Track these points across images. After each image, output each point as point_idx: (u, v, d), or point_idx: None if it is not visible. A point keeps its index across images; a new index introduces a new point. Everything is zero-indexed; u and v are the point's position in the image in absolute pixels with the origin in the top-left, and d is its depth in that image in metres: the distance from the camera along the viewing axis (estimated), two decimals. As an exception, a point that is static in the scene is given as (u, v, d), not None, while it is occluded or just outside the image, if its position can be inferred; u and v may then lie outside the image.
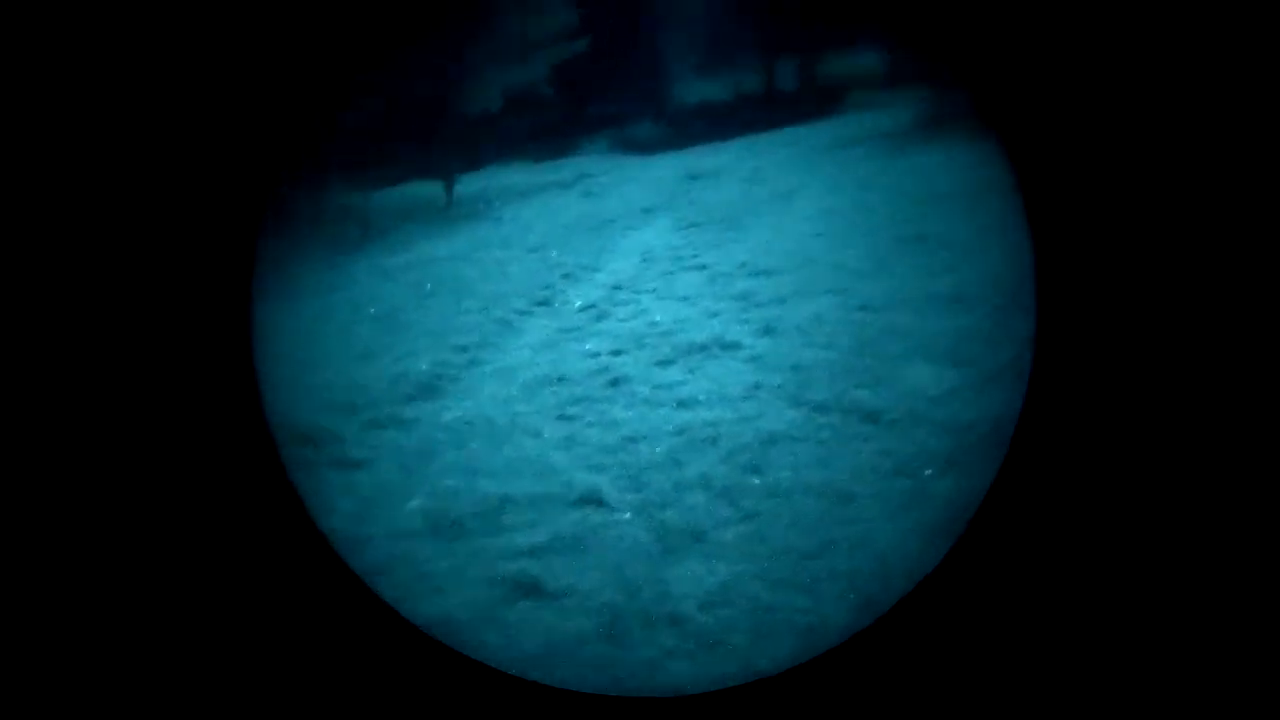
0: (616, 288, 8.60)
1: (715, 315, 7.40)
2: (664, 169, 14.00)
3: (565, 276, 9.09)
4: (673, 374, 6.43)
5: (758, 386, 6.00)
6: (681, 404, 5.91)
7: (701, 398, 5.96)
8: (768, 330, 6.91)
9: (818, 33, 18.65)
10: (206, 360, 3.49)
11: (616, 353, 6.95)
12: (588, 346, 7.17)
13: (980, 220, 8.70)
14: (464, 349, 7.37)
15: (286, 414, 5.41)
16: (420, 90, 13.29)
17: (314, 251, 11.10)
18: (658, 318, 7.60)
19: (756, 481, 4.92)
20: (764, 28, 18.59)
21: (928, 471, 4.82)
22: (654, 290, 8.36)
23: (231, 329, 3.58)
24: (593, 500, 4.90)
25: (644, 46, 18.92)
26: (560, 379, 6.58)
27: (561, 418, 5.95)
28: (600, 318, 7.83)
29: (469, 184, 14.21)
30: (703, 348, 6.78)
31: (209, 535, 3.44)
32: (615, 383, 6.38)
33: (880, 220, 9.24)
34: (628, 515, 4.76)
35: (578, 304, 8.24)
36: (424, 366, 7.00)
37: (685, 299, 7.96)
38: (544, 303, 8.37)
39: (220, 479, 3.50)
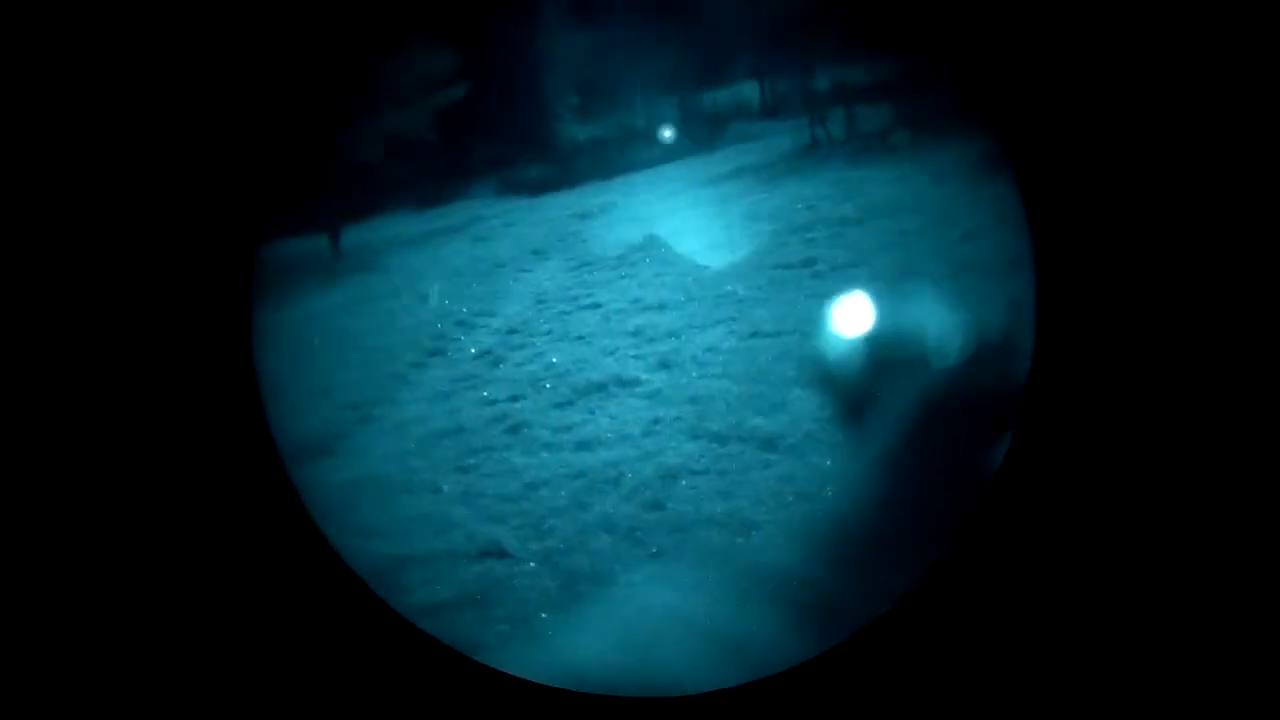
0: (511, 332, 8.52)
1: (611, 353, 7.39)
2: (554, 209, 14.00)
3: (458, 324, 8.97)
4: (572, 415, 6.38)
5: (657, 422, 6.00)
6: (582, 445, 5.86)
7: (602, 437, 5.93)
8: (664, 364, 6.93)
9: (698, 67, 19.02)
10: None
11: (514, 398, 6.87)
12: (484, 394, 7.07)
13: (865, 242, 8.95)
14: (354, 406, 7.18)
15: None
16: (298, 143, 13.01)
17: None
18: (554, 359, 7.55)
19: (660, 518, 4.89)
20: (645, 64, 18.85)
21: (828, 491, 4.88)
22: (549, 332, 8.31)
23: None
24: (494, 552, 4.81)
25: (528, 88, 18.98)
26: (457, 430, 6.46)
27: (460, 469, 5.83)
28: (496, 364, 7.74)
29: (355, 235, 13.94)
30: (601, 387, 6.75)
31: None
32: (514, 429, 6.29)
33: (767, 248, 9.41)
34: (532, 564, 4.68)
35: (472, 351, 8.13)
36: (312, 426, 6.78)
37: (581, 339, 7.93)
38: (437, 352, 8.23)
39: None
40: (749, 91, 19.12)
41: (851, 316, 7.06)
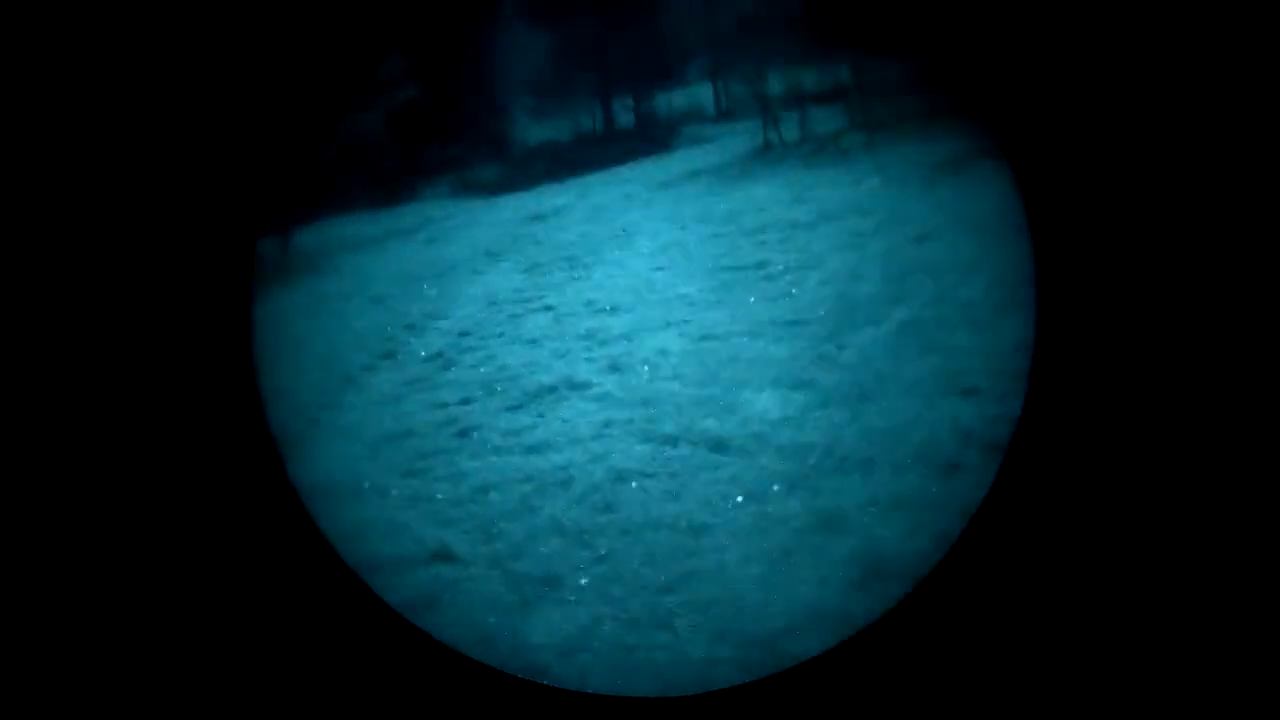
0: (463, 334, 8.50)
1: (563, 356, 7.39)
2: (506, 211, 13.99)
3: (409, 327, 8.93)
4: (522, 418, 6.37)
5: (608, 424, 6.00)
6: (531, 449, 5.85)
7: (552, 440, 5.92)
8: (615, 367, 6.94)
9: (652, 69, 19.09)
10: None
11: (465, 401, 6.85)
12: (434, 397, 7.03)
13: (817, 245, 9.03)
14: (303, 409, 7.11)
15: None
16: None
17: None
18: (505, 362, 7.53)
19: (609, 520, 4.90)
20: (600, 66, 18.88)
21: (775, 487, 4.92)
22: (501, 334, 8.30)
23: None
24: (443, 556, 4.78)
25: (482, 89, 18.90)
26: (407, 433, 6.43)
27: (408, 473, 5.80)
28: (447, 366, 7.71)
29: (306, 237, 13.82)
30: (551, 389, 6.75)
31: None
32: (464, 433, 6.27)
33: (719, 251, 9.48)
34: (480, 568, 4.66)
35: (423, 354, 8.09)
36: (261, 432, 6.70)
37: (533, 341, 7.93)
38: (388, 355, 8.18)
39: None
40: (704, 94, 19.25)
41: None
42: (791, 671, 3.61)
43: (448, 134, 18.43)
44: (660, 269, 9.26)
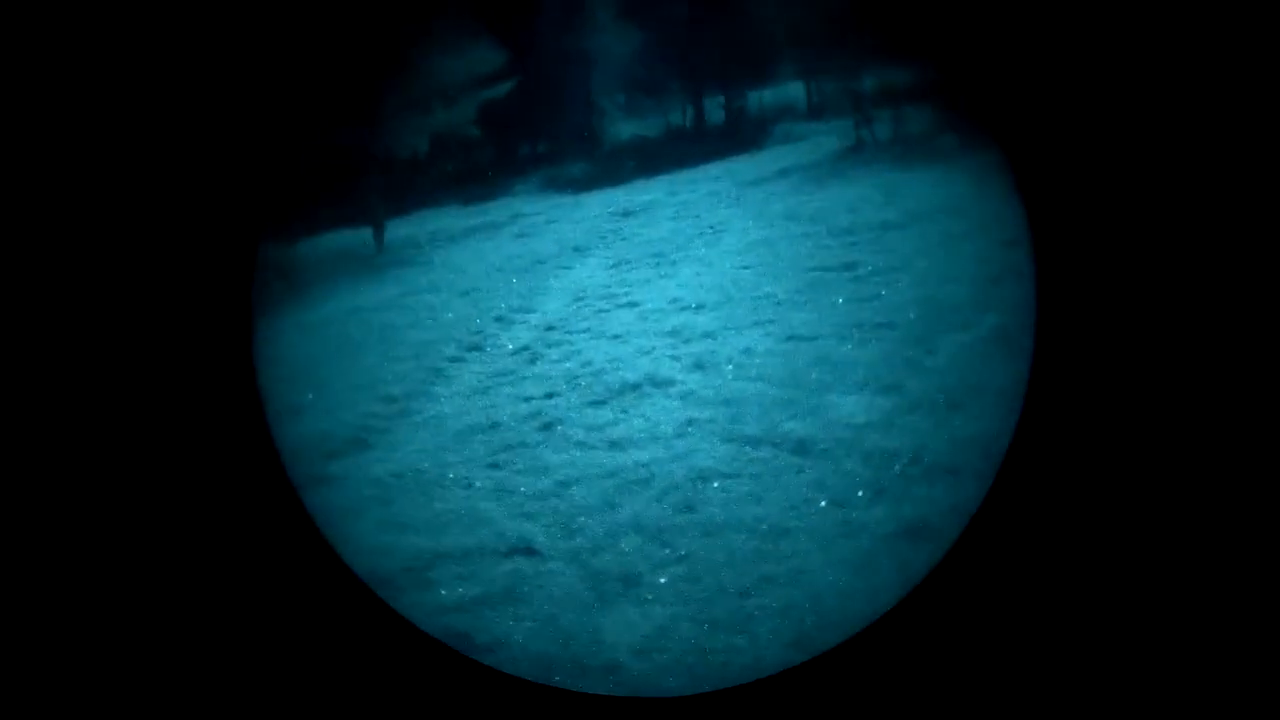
0: (549, 329, 8.57)
1: (647, 353, 7.39)
2: (595, 207, 14.06)
3: (497, 320, 9.04)
4: (605, 414, 6.39)
5: (690, 423, 5.99)
6: (614, 445, 5.87)
7: (634, 437, 5.93)
8: (699, 365, 6.92)
9: (744, 66, 18.97)
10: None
11: (549, 395, 6.90)
12: (520, 390, 7.11)
13: (907, 246, 8.86)
14: (393, 399, 7.26)
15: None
16: (344, 137, 13.19)
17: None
18: (590, 358, 7.57)
19: (690, 520, 4.88)
20: (692, 63, 18.84)
21: (859, 493, 4.85)
22: (586, 330, 8.34)
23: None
24: (524, 549, 4.83)
25: (574, 85, 19.05)
26: (492, 425, 6.51)
27: (492, 465, 5.87)
28: (533, 360, 7.78)
29: (398, 229, 14.11)
30: (635, 386, 6.76)
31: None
32: (547, 426, 6.32)
33: (807, 250, 9.36)
34: (560, 563, 4.69)
35: (510, 347, 8.19)
36: (350, 420, 6.87)
37: (617, 337, 7.94)
38: (475, 347, 8.30)
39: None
40: (795, 92, 19.05)
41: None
42: (791, 672, 3.58)
43: (539, 129, 18.62)
44: (747, 267, 9.20)
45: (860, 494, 4.85)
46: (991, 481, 4.11)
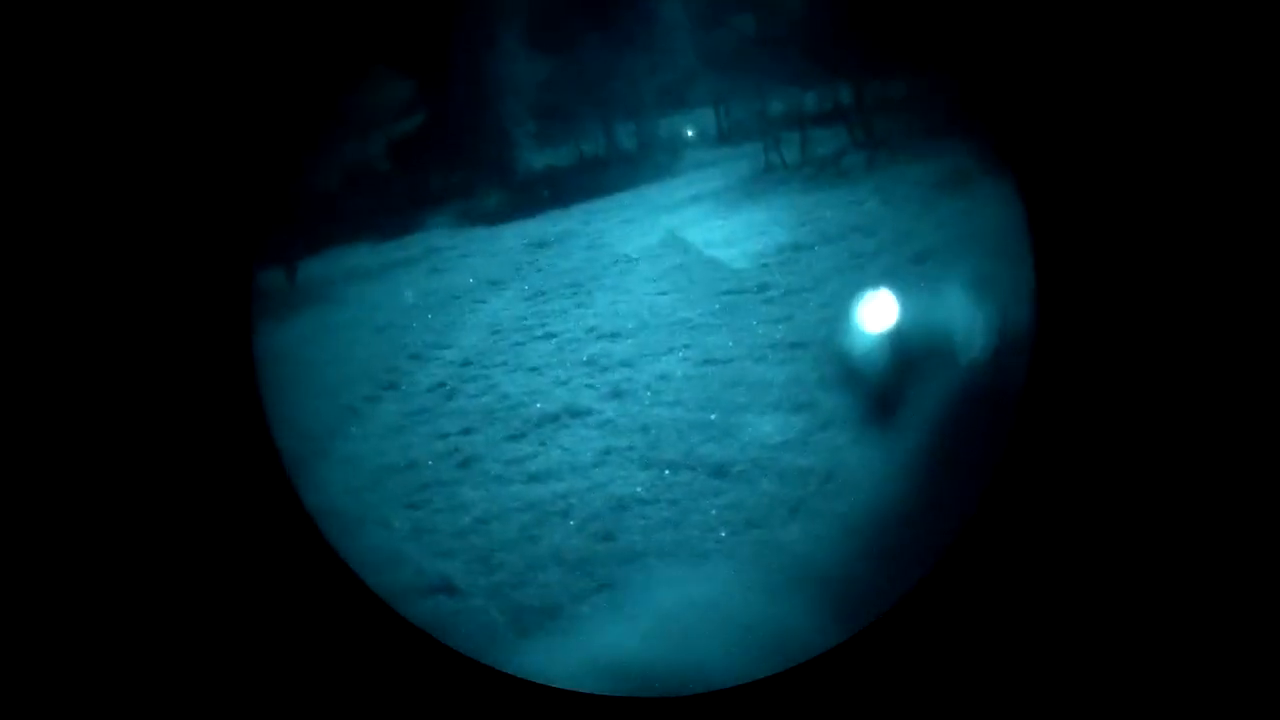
0: (465, 364, 8.50)
1: (565, 383, 7.39)
2: (511, 239, 14.00)
3: (413, 357, 8.93)
4: (524, 447, 6.36)
5: (608, 451, 6.00)
6: (533, 478, 5.85)
7: (552, 469, 5.92)
8: (616, 394, 6.94)
9: (655, 94, 19.16)
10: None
11: (466, 431, 6.84)
12: (436, 428, 7.04)
13: (818, 266, 9.03)
14: (309, 439, 7.11)
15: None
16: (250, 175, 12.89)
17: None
18: (508, 391, 7.53)
19: (610, 549, 4.89)
20: (602, 91, 18.96)
21: (775, 512, 4.91)
22: (503, 363, 8.29)
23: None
24: (443, 588, 4.77)
25: (485, 115, 19.01)
26: (409, 465, 6.43)
27: (410, 505, 5.79)
28: (449, 396, 7.71)
29: (311, 268, 13.86)
30: (553, 418, 6.75)
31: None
32: (465, 463, 6.27)
33: (721, 275, 9.47)
34: (480, 599, 4.65)
35: (426, 384, 8.10)
36: (264, 464, 6.70)
37: (535, 369, 7.92)
38: (391, 385, 8.18)
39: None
40: (705, 118, 19.28)
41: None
42: (791, 672, 3.61)
43: (451, 162, 18.53)
44: (663, 294, 9.27)
45: (776, 514, 4.91)
46: (990, 482, 4.15)
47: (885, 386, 5.92)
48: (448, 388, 7.88)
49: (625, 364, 7.51)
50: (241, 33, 3.84)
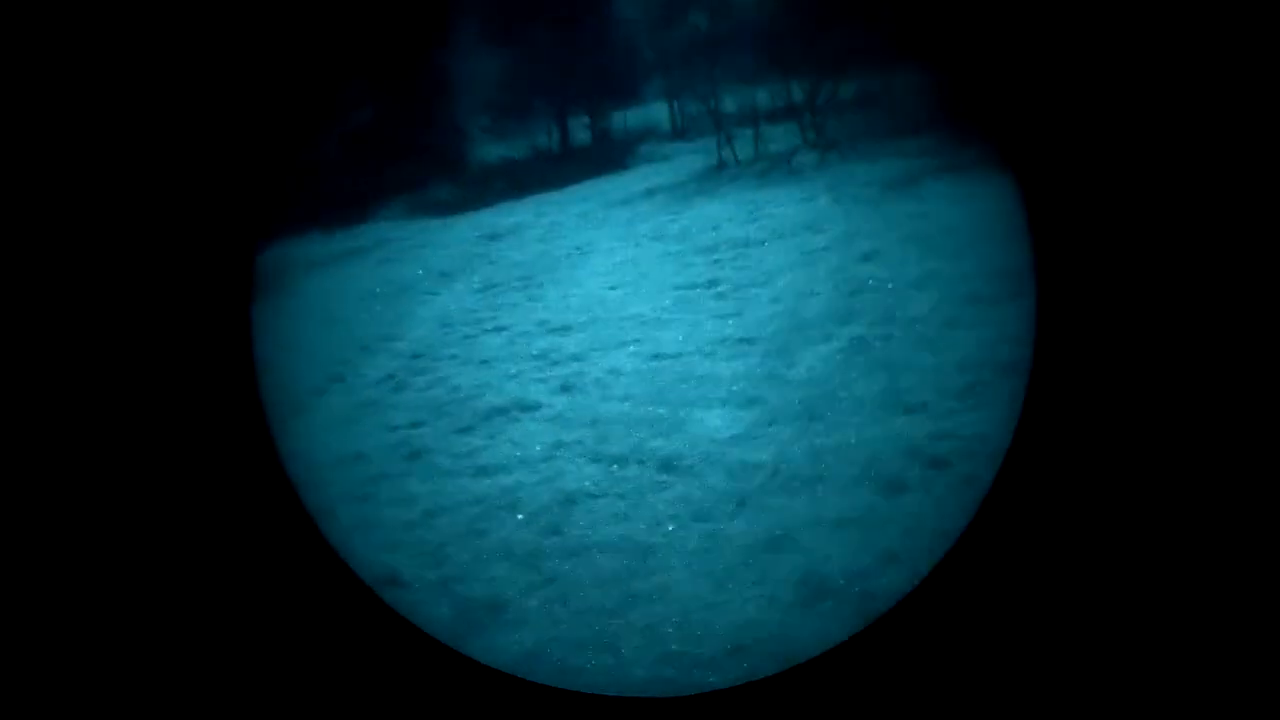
0: (415, 356, 8.45)
1: (514, 377, 7.37)
2: (462, 230, 13.94)
3: (362, 349, 8.85)
4: (473, 440, 6.34)
5: (557, 445, 6.00)
6: (481, 471, 5.82)
7: (501, 462, 5.90)
8: (566, 388, 6.94)
9: (608, 87, 19.17)
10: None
11: (415, 424, 6.80)
12: (385, 420, 6.98)
13: (768, 262, 9.10)
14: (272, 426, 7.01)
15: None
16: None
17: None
18: (458, 384, 7.50)
19: (557, 543, 4.89)
20: (555, 84, 18.91)
21: (722, 506, 4.94)
22: (453, 356, 8.25)
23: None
24: (390, 581, 4.74)
25: (437, 107, 18.87)
26: (356, 457, 6.37)
27: (357, 498, 5.74)
28: (398, 389, 7.65)
29: (261, 258, 13.67)
30: (502, 411, 6.73)
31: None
32: (413, 455, 6.23)
33: (673, 269, 9.52)
34: (426, 593, 4.62)
35: (374, 376, 8.03)
36: (207, 458, 6.60)
37: (485, 362, 7.90)
38: (338, 378, 8.10)
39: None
40: (659, 112, 19.35)
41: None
42: (790, 672, 3.64)
43: (403, 154, 18.36)
44: (614, 288, 9.28)
45: (723, 508, 4.94)
46: (990, 484, 4.19)
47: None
48: (396, 380, 7.83)
49: (575, 358, 7.52)
50: (205, 31, 3.81)
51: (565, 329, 8.25)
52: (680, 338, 7.48)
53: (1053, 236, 3.60)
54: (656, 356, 7.16)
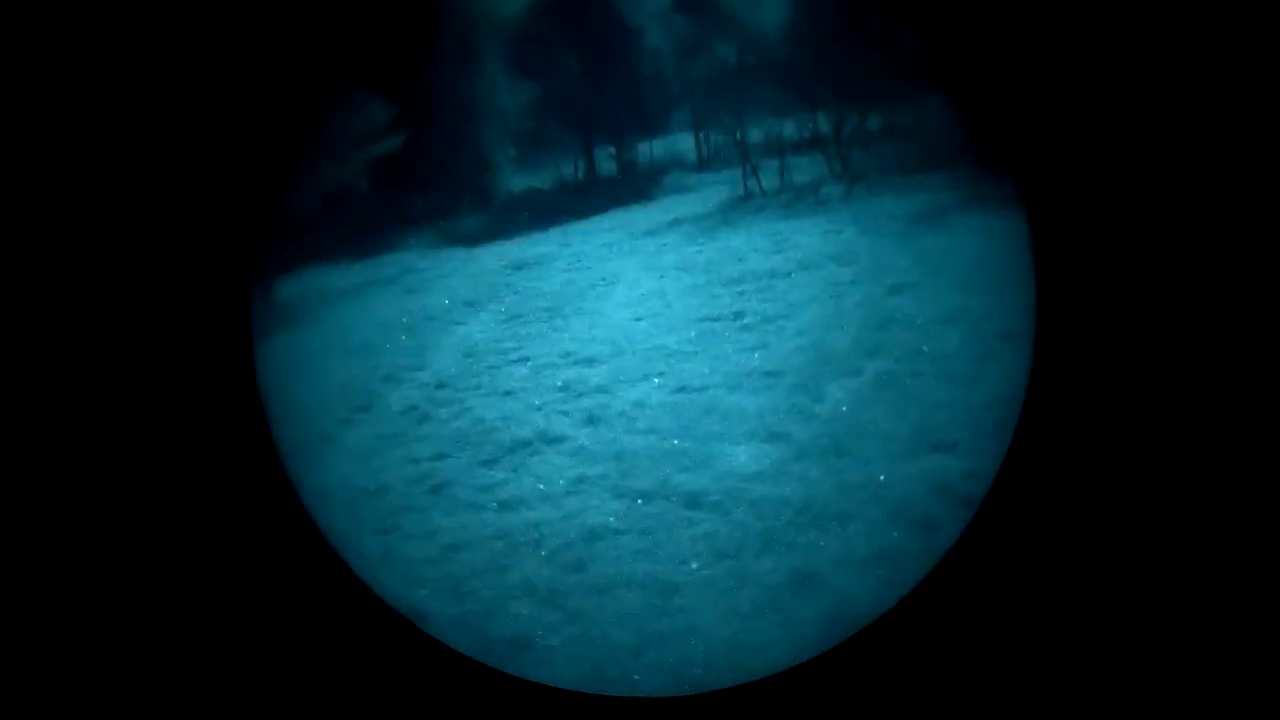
0: (440, 386, 8.43)
1: (538, 409, 7.33)
2: (488, 260, 13.97)
3: (386, 378, 8.85)
4: (496, 474, 6.30)
5: (581, 480, 5.94)
6: (504, 505, 5.78)
7: (524, 497, 5.85)
8: (591, 420, 6.89)
9: (634, 119, 19.25)
10: None
11: (438, 457, 6.77)
12: (409, 452, 6.95)
13: (794, 294, 9.04)
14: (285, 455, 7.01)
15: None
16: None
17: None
18: (481, 415, 7.47)
19: (580, 580, 4.82)
20: (582, 115, 19.02)
21: (748, 544, 4.87)
22: (477, 387, 8.23)
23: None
24: (412, 617, 4.68)
25: (465, 138, 19.00)
26: (380, 490, 6.34)
27: (380, 531, 5.71)
28: (422, 420, 7.63)
29: (285, 288, 13.76)
30: (526, 444, 6.69)
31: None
32: (437, 489, 6.19)
33: (698, 300, 9.47)
34: (448, 630, 4.57)
35: (398, 407, 8.02)
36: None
37: (509, 394, 7.87)
38: (364, 408, 8.10)
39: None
40: (685, 143, 19.41)
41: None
42: (791, 672, 3.58)
43: (430, 184, 18.48)
44: (639, 319, 9.25)
45: (749, 545, 4.87)
46: (991, 485, 4.13)
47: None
48: (420, 411, 7.81)
49: (600, 390, 7.47)
50: (227, 53, 3.85)
51: (590, 361, 8.21)
52: (706, 370, 7.43)
53: (1059, 276, 3.59)
54: (682, 389, 7.10)
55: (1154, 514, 3.30)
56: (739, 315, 8.69)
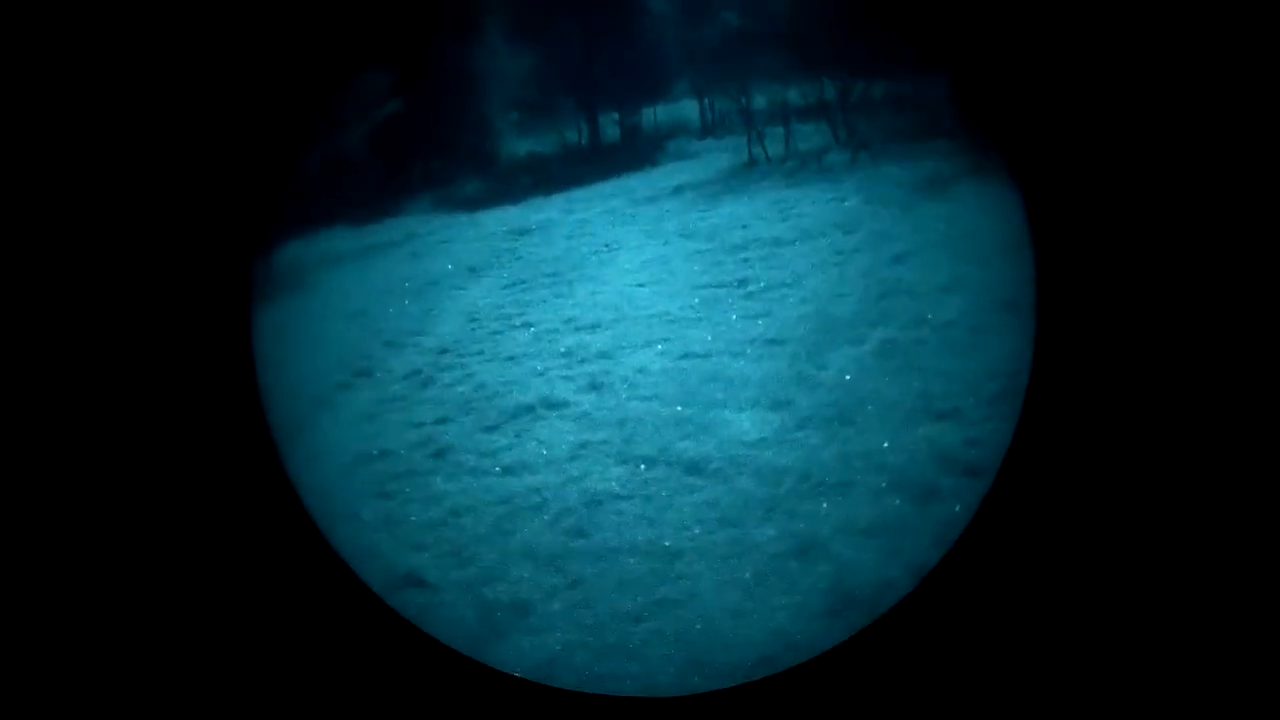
0: (442, 352, 8.41)
1: (541, 374, 7.32)
2: (491, 225, 13.91)
3: (387, 344, 8.82)
4: (499, 439, 6.29)
5: (584, 445, 5.94)
6: (507, 470, 5.78)
7: (527, 462, 5.85)
8: (593, 386, 6.88)
9: (638, 84, 19.08)
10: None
11: (441, 421, 6.76)
12: (410, 416, 6.95)
13: (798, 262, 9.00)
14: (279, 427, 7.00)
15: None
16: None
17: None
18: (484, 380, 7.45)
19: (582, 545, 4.83)
20: (585, 80, 18.85)
21: (750, 511, 4.87)
22: (480, 352, 8.21)
23: None
24: (414, 582, 4.70)
25: (467, 103, 18.85)
26: (381, 454, 6.34)
27: (381, 495, 5.71)
28: (424, 385, 7.62)
29: (285, 253, 13.69)
30: (529, 409, 6.68)
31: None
32: (439, 453, 6.19)
33: (701, 267, 9.43)
34: (451, 594, 4.58)
35: (401, 372, 8.01)
36: (232, 452, 6.60)
37: (512, 359, 7.85)
38: (364, 373, 8.08)
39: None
40: (689, 109, 19.25)
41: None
42: (791, 672, 3.59)
43: (432, 149, 18.36)
44: (642, 285, 9.21)
45: (751, 512, 4.87)
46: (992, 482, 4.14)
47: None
48: (423, 375, 7.80)
49: (603, 356, 7.45)
50: (227, 26, 3.81)
51: (593, 326, 8.18)
52: (709, 337, 7.40)
53: (1056, 251, 3.57)
54: (685, 356, 7.09)
55: (1167, 485, 3.29)
56: (742, 282, 8.65)
